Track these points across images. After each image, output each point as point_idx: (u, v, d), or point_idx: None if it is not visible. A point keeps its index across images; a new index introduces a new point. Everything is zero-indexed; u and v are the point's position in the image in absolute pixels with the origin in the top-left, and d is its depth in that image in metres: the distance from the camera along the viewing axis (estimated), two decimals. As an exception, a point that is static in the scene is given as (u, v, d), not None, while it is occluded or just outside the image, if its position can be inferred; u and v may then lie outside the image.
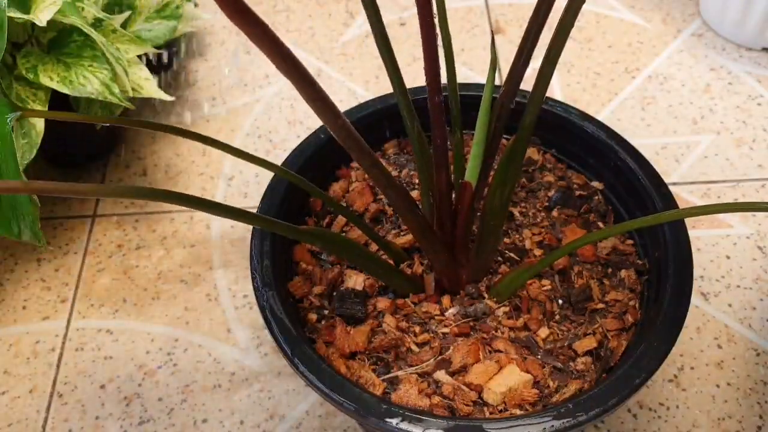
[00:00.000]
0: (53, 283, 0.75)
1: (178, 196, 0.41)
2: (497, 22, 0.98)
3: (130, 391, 0.67)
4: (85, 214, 0.80)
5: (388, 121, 0.64)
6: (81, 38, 0.68)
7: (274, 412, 0.65)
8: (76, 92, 0.66)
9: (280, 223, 0.48)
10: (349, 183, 0.63)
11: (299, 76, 0.33)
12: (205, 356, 0.69)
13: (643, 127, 0.85)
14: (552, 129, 0.62)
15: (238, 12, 0.28)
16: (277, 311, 0.51)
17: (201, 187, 0.82)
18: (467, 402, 0.49)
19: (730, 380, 0.65)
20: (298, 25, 1.00)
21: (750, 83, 0.89)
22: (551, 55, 0.43)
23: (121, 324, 0.71)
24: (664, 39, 0.95)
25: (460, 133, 0.57)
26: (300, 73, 0.33)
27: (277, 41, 0.31)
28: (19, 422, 0.65)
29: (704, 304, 0.70)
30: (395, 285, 0.55)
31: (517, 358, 0.51)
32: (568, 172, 0.63)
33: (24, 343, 0.70)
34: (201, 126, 0.88)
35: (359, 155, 0.41)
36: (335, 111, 0.37)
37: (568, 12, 0.41)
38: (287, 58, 0.32)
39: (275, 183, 0.58)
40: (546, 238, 0.58)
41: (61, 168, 0.84)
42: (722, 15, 0.92)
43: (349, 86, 0.91)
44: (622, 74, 0.91)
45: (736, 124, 0.84)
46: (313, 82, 0.34)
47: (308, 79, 0.34)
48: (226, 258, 0.76)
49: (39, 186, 0.37)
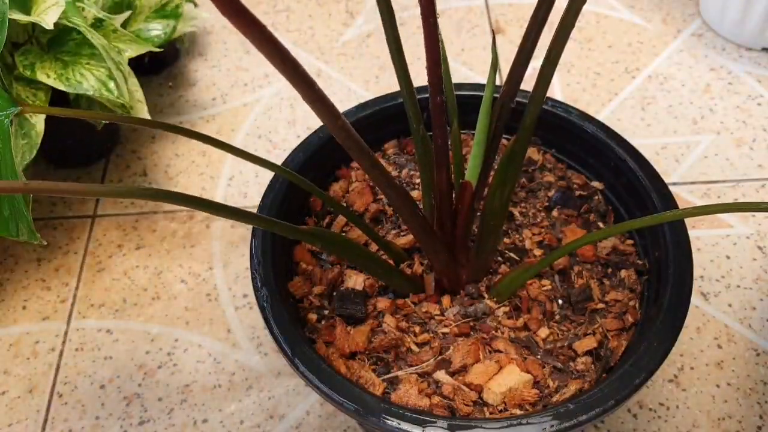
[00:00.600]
0: (53, 283, 0.75)
1: (179, 196, 0.41)
2: (497, 22, 0.98)
3: (130, 391, 0.67)
4: (85, 214, 0.80)
5: (389, 120, 0.64)
6: (80, 36, 0.68)
7: (274, 412, 0.65)
8: (73, 89, 0.66)
9: (280, 223, 0.48)
10: (349, 183, 0.63)
11: (299, 77, 0.33)
12: (205, 356, 0.69)
13: (643, 127, 0.85)
14: (552, 129, 0.62)
15: (236, 14, 0.28)
16: (277, 311, 0.51)
17: (201, 187, 0.82)
18: (467, 402, 0.49)
19: (730, 380, 0.65)
20: (298, 25, 1.00)
21: (750, 83, 0.89)
22: (552, 56, 0.43)
23: (121, 324, 0.71)
24: (664, 39, 0.95)
25: (459, 133, 0.57)
26: (299, 75, 0.33)
27: (276, 43, 0.31)
28: (19, 422, 0.65)
29: (704, 304, 0.70)
30: (395, 285, 0.55)
31: (517, 358, 0.51)
32: (568, 172, 0.63)
33: (24, 343, 0.70)
34: (201, 126, 0.88)
35: (359, 155, 0.42)
36: (335, 112, 0.37)
37: (568, 13, 0.41)
38: (287, 60, 0.32)
39: (275, 183, 0.58)
40: (546, 238, 0.58)
41: (62, 168, 0.84)
42: (722, 15, 0.92)
43: (349, 86, 0.91)
44: (622, 74, 0.91)
45: (736, 124, 0.84)
46: (313, 84, 0.34)
47: (308, 80, 0.34)
48: (226, 258, 0.76)
49: (39, 186, 0.37)
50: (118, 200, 0.81)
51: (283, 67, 0.32)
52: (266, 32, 0.30)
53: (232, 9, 0.28)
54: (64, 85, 0.66)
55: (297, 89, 0.34)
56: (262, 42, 0.30)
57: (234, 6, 0.28)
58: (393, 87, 0.90)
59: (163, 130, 0.86)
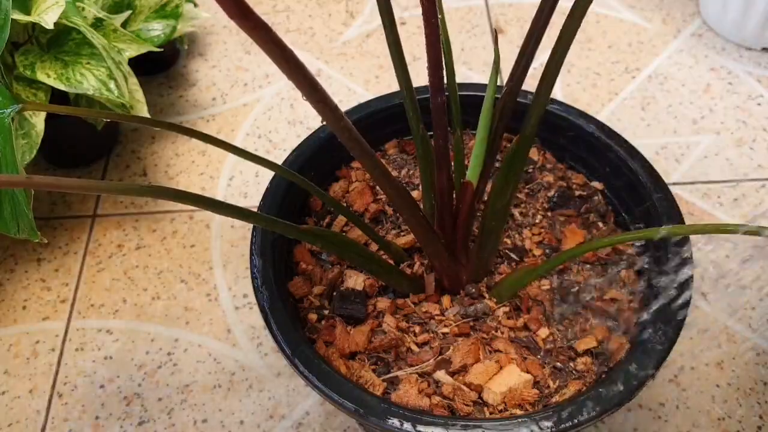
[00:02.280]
0: (53, 283, 0.75)
1: (179, 193, 0.41)
2: (497, 22, 0.98)
3: (130, 391, 0.67)
4: (85, 214, 0.80)
5: (389, 120, 0.64)
6: (80, 36, 0.68)
7: (274, 412, 0.65)
8: (73, 89, 0.66)
9: (281, 223, 0.48)
10: (349, 183, 0.63)
11: (303, 79, 0.33)
12: (205, 356, 0.69)
13: (643, 127, 0.85)
14: (552, 129, 0.62)
15: (242, 14, 0.28)
16: (277, 311, 0.51)
17: (201, 186, 0.82)
18: (467, 402, 0.49)
19: (729, 380, 0.65)
20: (298, 25, 1.00)
21: (750, 83, 0.89)
22: (555, 59, 0.43)
23: (121, 324, 0.71)
24: (664, 39, 0.95)
25: (460, 133, 0.57)
26: (304, 76, 0.33)
27: (281, 44, 0.31)
28: (19, 422, 0.65)
29: (704, 304, 0.70)
30: (395, 285, 0.55)
31: (517, 358, 0.51)
32: (568, 172, 0.63)
33: (24, 343, 0.70)
34: (201, 126, 0.88)
35: (361, 156, 0.41)
36: (338, 113, 0.37)
37: (571, 19, 0.41)
38: (290, 61, 0.32)
39: (275, 183, 0.58)
40: (546, 238, 0.58)
41: (62, 168, 0.84)
42: (722, 15, 0.92)
43: (349, 86, 0.91)
44: (622, 74, 0.91)
45: (736, 124, 0.84)
46: (317, 85, 0.34)
47: (312, 82, 0.34)
48: (226, 258, 0.76)
49: (41, 180, 0.37)
50: (118, 200, 0.81)
51: (287, 69, 0.32)
52: (272, 34, 0.30)
53: (238, 11, 0.28)
54: (64, 84, 0.66)
55: (301, 90, 0.34)
56: (268, 44, 0.30)
57: (240, 8, 0.28)
58: (393, 87, 0.90)
59: (163, 130, 0.86)
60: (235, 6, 0.28)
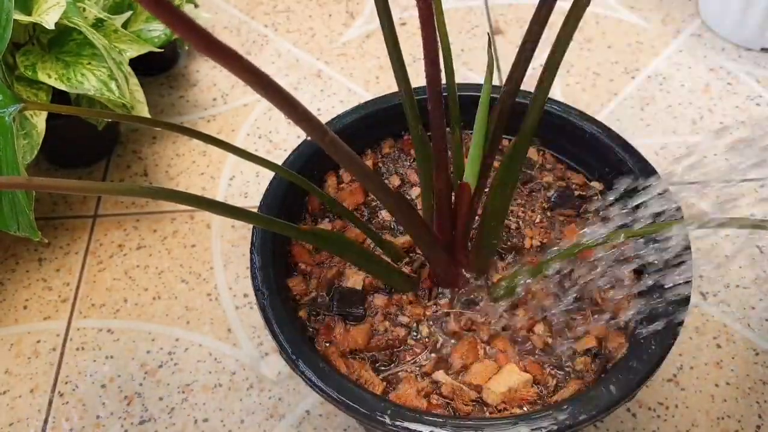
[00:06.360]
0: (54, 282, 0.75)
1: (180, 195, 0.41)
2: (497, 22, 0.98)
3: (130, 391, 0.67)
4: (86, 214, 0.80)
5: (387, 121, 0.64)
6: (81, 36, 0.68)
7: (274, 412, 0.65)
8: (74, 89, 0.66)
9: (280, 222, 0.48)
10: (339, 182, 0.63)
11: (283, 100, 0.33)
12: (205, 356, 0.69)
13: (643, 127, 0.85)
14: (552, 129, 0.62)
15: (211, 46, 0.28)
16: (277, 311, 0.51)
17: (201, 187, 0.82)
18: (466, 401, 0.49)
19: (729, 380, 0.65)
20: (298, 25, 1.00)
21: (749, 83, 0.89)
22: (553, 61, 0.43)
23: (121, 324, 0.71)
24: (663, 39, 0.95)
25: (459, 134, 0.57)
26: (284, 98, 0.33)
27: (257, 71, 0.31)
28: (20, 422, 0.65)
29: (703, 303, 0.70)
30: (394, 284, 0.55)
31: (516, 357, 0.51)
32: (568, 172, 0.63)
33: (25, 343, 0.71)
34: (202, 126, 0.88)
35: (350, 166, 0.41)
36: (322, 129, 0.37)
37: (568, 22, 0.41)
38: (268, 86, 0.32)
39: (276, 183, 0.58)
40: (545, 238, 0.59)
41: (63, 169, 0.85)
42: (722, 15, 0.92)
43: (349, 86, 0.91)
44: (621, 74, 0.91)
45: (736, 125, 0.85)
46: (297, 105, 0.34)
47: (291, 102, 0.33)
48: (226, 258, 0.76)
49: (42, 182, 0.37)
50: (118, 200, 0.81)
51: (266, 93, 0.32)
52: (245, 62, 0.30)
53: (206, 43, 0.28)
54: (65, 85, 0.66)
55: (282, 111, 0.34)
56: (244, 73, 0.30)
57: (208, 40, 0.28)
58: (393, 87, 0.90)
59: (164, 130, 0.86)
60: (204, 38, 0.27)
